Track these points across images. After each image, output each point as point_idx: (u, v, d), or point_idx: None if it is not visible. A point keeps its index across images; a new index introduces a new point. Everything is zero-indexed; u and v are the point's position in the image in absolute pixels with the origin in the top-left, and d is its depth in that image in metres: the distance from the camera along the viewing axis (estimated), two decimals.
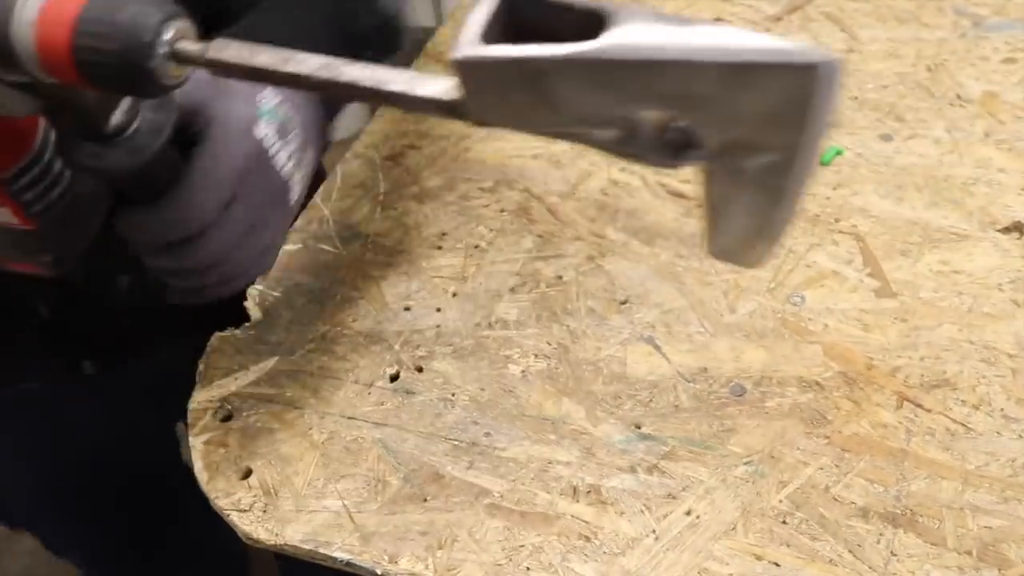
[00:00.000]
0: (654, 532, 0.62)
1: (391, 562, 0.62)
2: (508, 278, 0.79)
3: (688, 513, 0.63)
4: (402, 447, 0.68)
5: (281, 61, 0.43)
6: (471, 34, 0.39)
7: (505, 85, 0.39)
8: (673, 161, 0.41)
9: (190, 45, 0.44)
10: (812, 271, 0.78)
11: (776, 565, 0.60)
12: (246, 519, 0.65)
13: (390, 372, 0.73)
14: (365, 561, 0.62)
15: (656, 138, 0.41)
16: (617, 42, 0.37)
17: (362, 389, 0.72)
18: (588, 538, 0.62)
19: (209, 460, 0.69)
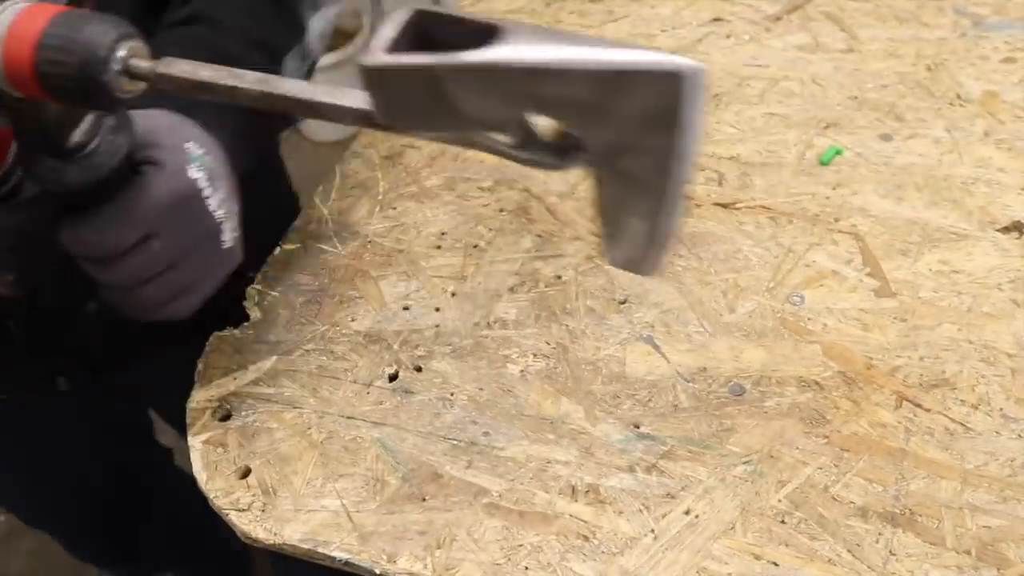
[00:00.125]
0: (653, 531, 0.62)
1: (390, 561, 0.62)
2: (507, 278, 0.79)
3: (687, 512, 0.63)
4: (401, 447, 0.68)
5: (222, 76, 0.48)
6: (380, 45, 0.43)
7: (408, 90, 0.44)
8: (563, 164, 0.46)
9: (142, 62, 0.48)
10: (812, 271, 0.78)
11: (775, 565, 0.60)
12: (245, 518, 0.65)
13: (389, 372, 0.73)
14: (364, 560, 0.62)
15: (547, 142, 0.45)
16: (502, 51, 0.42)
17: (361, 389, 0.72)
18: (587, 537, 0.62)
19: (208, 460, 0.69)
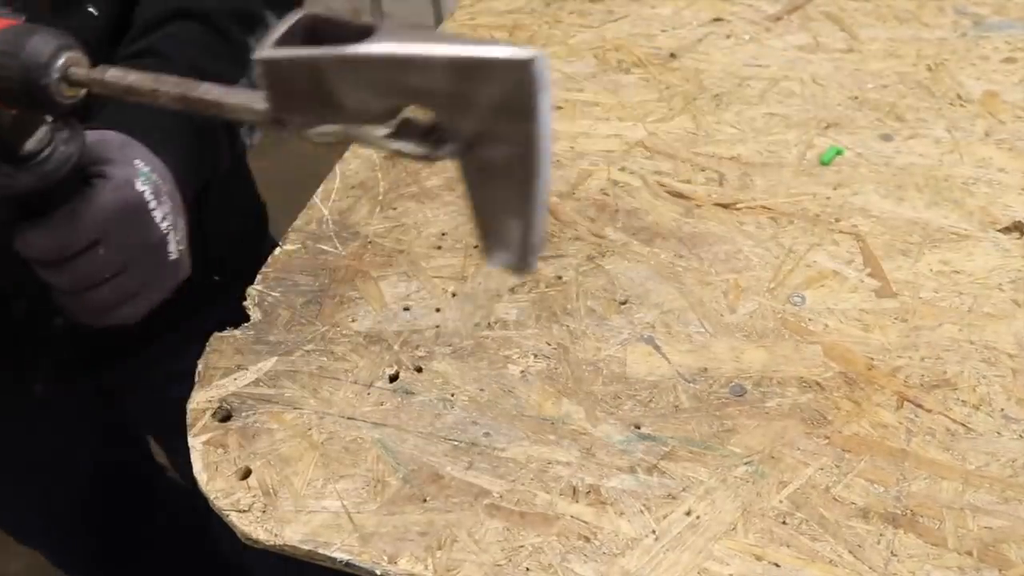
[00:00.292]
0: (654, 532, 0.62)
1: (390, 562, 0.62)
2: (507, 278, 0.79)
3: (688, 513, 0.63)
4: (401, 447, 0.68)
5: (146, 80, 0.53)
6: (271, 42, 0.48)
7: (295, 81, 0.48)
8: (434, 154, 0.49)
9: (79, 70, 0.53)
10: (812, 271, 0.78)
11: (776, 566, 0.60)
12: (245, 519, 0.65)
13: (389, 372, 0.73)
14: (364, 561, 0.62)
15: (419, 133, 0.49)
16: (374, 45, 0.46)
17: (361, 389, 0.72)
18: (588, 538, 0.62)
19: (208, 460, 0.69)
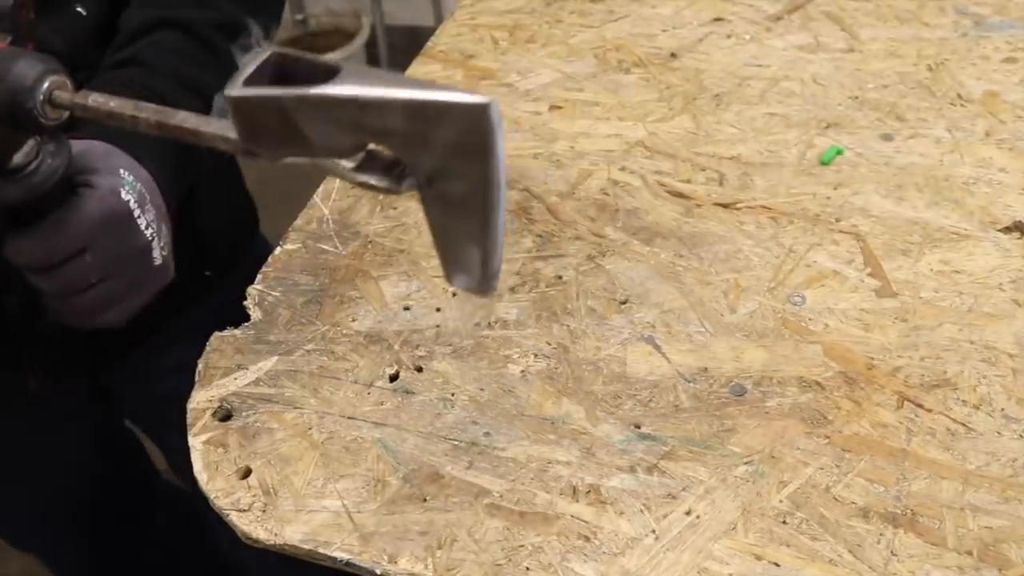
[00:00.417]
0: (654, 532, 0.62)
1: (390, 562, 0.62)
2: (508, 278, 0.79)
3: (688, 513, 0.63)
4: (402, 447, 0.68)
5: (127, 107, 0.56)
6: (241, 80, 0.50)
7: (263, 118, 0.50)
8: (396, 188, 0.52)
9: (63, 93, 0.56)
10: (812, 271, 0.78)
11: (776, 565, 0.60)
12: (245, 519, 0.65)
13: (390, 372, 0.73)
14: (364, 561, 0.62)
15: (382, 167, 0.52)
16: (336, 87, 0.48)
17: (362, 389, 0.72)
18: (588, 538, 0.62)
19: (208, 460, 0.69)
